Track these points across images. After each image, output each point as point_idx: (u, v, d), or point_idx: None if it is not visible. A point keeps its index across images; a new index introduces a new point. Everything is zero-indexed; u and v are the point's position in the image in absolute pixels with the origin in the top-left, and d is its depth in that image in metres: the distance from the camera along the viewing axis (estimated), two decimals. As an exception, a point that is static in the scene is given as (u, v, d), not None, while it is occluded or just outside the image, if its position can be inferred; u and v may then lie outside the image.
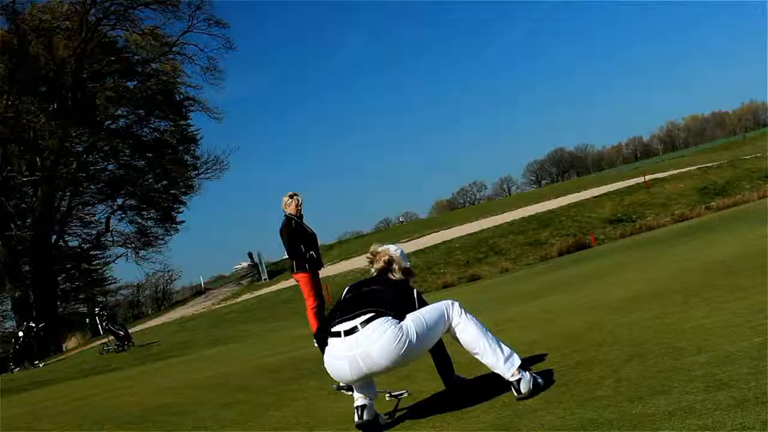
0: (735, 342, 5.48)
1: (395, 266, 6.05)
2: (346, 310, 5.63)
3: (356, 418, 5.59)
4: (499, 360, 5.56)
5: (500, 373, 5.55)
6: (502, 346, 5.68)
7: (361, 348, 5.35)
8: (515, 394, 5.40)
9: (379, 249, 6.17)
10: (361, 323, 5.42)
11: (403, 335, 5.37)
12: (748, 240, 15.31)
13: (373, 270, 6.12)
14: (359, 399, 5.65)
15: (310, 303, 13.51)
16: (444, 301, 5.88)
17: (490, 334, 5.73)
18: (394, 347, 5.33)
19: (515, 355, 5.64)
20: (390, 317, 5.46)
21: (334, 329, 5.57)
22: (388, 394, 6.25)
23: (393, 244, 6.32)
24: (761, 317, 6.14)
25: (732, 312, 6.65)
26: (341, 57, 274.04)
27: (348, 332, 5.44)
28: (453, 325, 5.75)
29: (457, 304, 5.88)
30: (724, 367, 4.86)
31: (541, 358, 6.57)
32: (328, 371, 5.61)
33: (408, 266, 6.16)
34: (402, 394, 6.29)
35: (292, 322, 27.40)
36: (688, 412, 4.06)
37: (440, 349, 6.02)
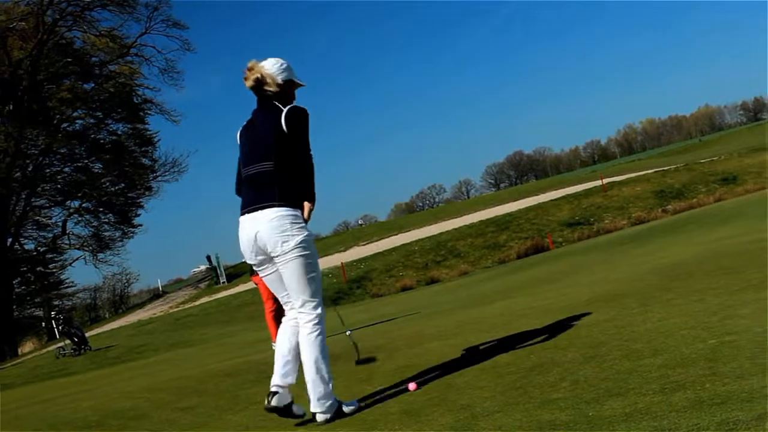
0: (690, 344, 5.51)
1: (269, 81, 5.86)
2: (247, 194, 5.87)
3: (266, 403, 5.71)
4: (324, 391, 5.75)
5: (311, 401, 5.74)
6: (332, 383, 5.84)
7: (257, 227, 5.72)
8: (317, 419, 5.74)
9: (253, 64, 5.91)
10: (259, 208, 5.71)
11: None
12: (704, 243, 15.47)
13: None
14: (273, 385, 5.80)
15: (268, 306, 13.49)
16: (321, 303, 5.89)
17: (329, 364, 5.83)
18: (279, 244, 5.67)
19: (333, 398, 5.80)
20: (280, 210, 5.66)
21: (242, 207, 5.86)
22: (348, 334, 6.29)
23: (276, 59, 6.00)
24: (716, 319, 6.18)
25: (688, 314, 6.70)
26: (302, 58, 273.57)
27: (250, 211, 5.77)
28: (312, 321, 5.83)
29: (324, 322, 5.90)
30: (679, 368, 4.89)
31: (498, 360, 6.58)
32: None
33: (284, 78, 5.92)
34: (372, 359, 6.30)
35: (251, 326, 27.31)
36: (644, 414, 4.07)
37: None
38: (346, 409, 5.84)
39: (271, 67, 5.90)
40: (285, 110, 5.74)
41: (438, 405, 5.44)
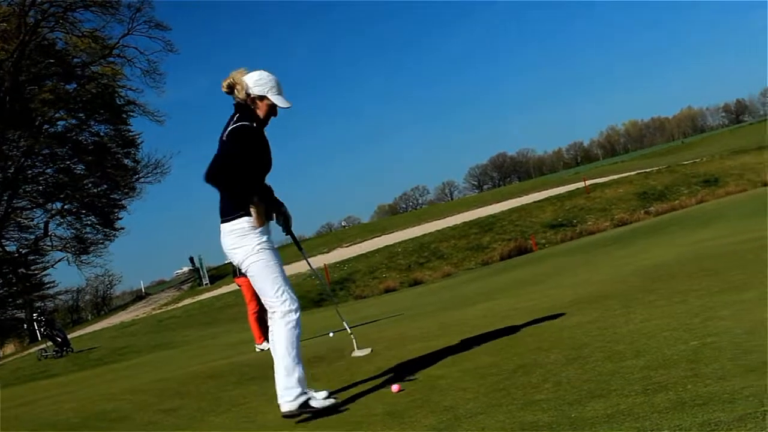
0: (673, 345, 5.54)
1: (237, 88, 6.07)
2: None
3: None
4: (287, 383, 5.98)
5: (277, 393, 6.00)
6: (301, 373, 6.01)
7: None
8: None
9: (235, 71, 6.12)
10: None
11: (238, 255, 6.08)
12: (686, 245, 15.54)
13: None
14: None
15: (251, 308, 13.48)
16: (290, 297, 6.05)
17: (297, 355, 6.00)
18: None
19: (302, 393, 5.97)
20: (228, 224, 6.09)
21: None
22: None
23: (260, 71, 6.15)
24: (698, 321, 6.21)
25: (670, 316, 6.73)
26: (286, 61, 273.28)
27: None
28: (277, 316, 6.03)
29: (297, 312, 6.07)
30: (661, 370, 4.91)
31: (481, 362, 6.59)
32: None
33: (257, 93, 6.07)
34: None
35: (233, 327, 27.26)
36: (626, 415, 4.08)
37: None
38: (314, 403, 5.95)
39: (250, 77, 6.06)
40: (230, 127, 6.00)
41: (421, 406, 5.45)
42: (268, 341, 12.76)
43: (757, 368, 4.46)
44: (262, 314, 13.01)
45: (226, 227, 6.09)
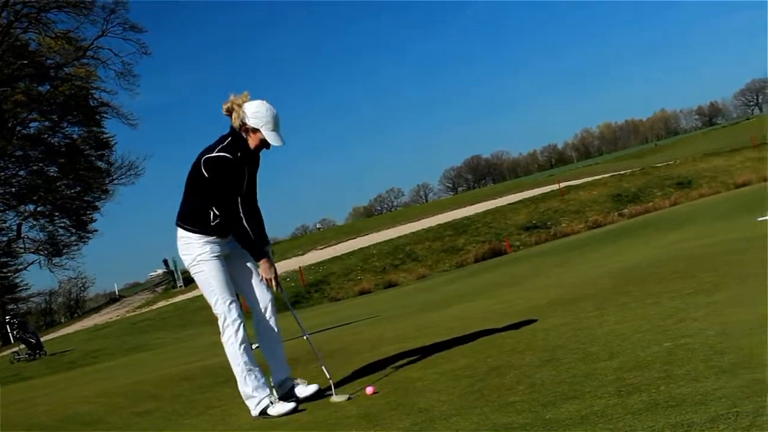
0: (646, 347, 5.57)
1: (234, 115, 6.12)
2: None
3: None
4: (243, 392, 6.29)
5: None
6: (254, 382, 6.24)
7: None
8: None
9: (238, 97, 6.17)
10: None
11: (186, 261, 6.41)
12: (660, 246, 15.63)
13: None
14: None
15: None
16: (225, 310, 6.27)
17: (244, 366, 6.22)
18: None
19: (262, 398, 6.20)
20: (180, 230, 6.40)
21: None
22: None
23: (260, 101, 6.17)
24: (671, 322, 6.25)
25: (643, 317, 6.76)
26: (261, 63, 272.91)
27: None
28: (221, 328, 6.29)
29: (232, 326, 6.23)
30: (635, 371, 4.94)
31: (456, 363, 6.59)
32: None
33: (252, 124, 6.08)
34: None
35: (208, 330, 27.15)
36: (599, 417, 4.10)
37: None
38: (271, 410, 6.11)
39: (249, 107, 6.08)
40: (204, 157, 6.10)
41: (396, 409, 5.45)
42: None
43: (729, 370, 4.49)
44: None
45: (178, 232, 6.42)
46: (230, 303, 6.18)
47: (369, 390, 6.14)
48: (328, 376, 6.40)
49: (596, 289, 9.59)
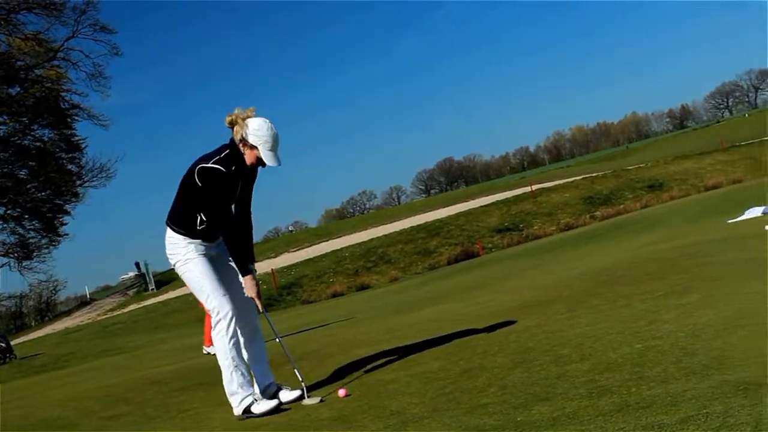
0: (617, 349, 5.60)
1: (235, 128, 6.16)
2: None
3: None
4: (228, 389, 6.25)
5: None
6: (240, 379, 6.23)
7: None
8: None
9: (243, 111, 6.21)
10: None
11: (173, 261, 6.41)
12: (631, 248, 15.71)
13: None
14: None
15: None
16: (217, 304, 6.20)
17: (232, 361, 6.21)
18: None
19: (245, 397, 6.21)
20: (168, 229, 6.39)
21: None
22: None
23: (263, 119, 6.20)
24: (642, 324, 6.29)
25: (615, 319, 6.80)
26: (230, 63, 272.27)
27: None
28: (213, 323, 6.25)
29: (225, 320, 6.20)
30: (606, 373, 4.96)
31: (428, 366, 6.60)
32: None
33: (251, 141, 6.10)
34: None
35: (180, 333, 27.08)
36: (571, 419, 4.12)
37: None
38: (254, 408, 6.12)
39: (251, 123, 6.12)
40: (199, 166, 6.11)
41: (368, 411, 5.45)
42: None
43: (699, 371, 4.53)
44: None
45: (167, 231, 6.41)
46: (223, 295, 6.16)
47: (341, 392, 6.14)
48: (300, 379, 6.38)
49: (568, 292, 9.64)
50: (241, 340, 6.35)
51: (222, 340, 6.11)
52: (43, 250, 55.64)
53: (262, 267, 43.54)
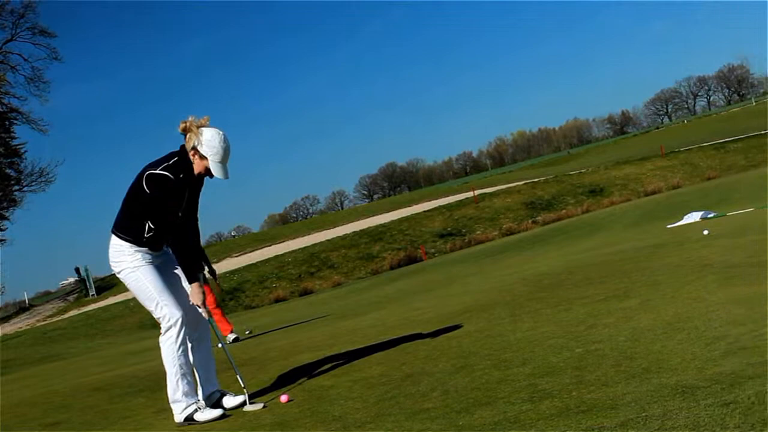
0: (558, 353, 5.64)
1: (188, 135, 6.12)
2: None
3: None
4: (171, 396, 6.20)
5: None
6: (185, 387, 6.21)
7: None
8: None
9: (197, 120, 6.17)
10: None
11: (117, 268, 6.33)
12: (572, 253, 15.84)
13: None
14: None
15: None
16: (168, 312, 6.15)
17: (179, 369, 6.18)
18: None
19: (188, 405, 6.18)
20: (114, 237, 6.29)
21: None
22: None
23: (217, 130, 6.15)
24: (582, 328, 6.35)
25: (556, 323, 6.86)
26: (177, 63, 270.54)
27: None
28: (162, 330, 6.21)
29: (175, 327, 6.17)
30: (547, 377, 5.00)
31: (370, 371, 6.60)
32: None
33: (202, 151, 6.05)
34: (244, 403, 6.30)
35: (121, 339, 26.82)
36: (512, 422, 4.14)
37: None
38: (197, 416, 6.09)
39: (204, 133, 6.09)
40: (147, 173, 6.06)
41: (309, 416, 5.43)
42: (233, 332, 13.93)
43: (638, 374, 4.58)
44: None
45: (111, 239, 6.30)
46: (173, 303, 6.12)
47: (283, 398, 6.12)
48: (242, 385, 6.35)
49: (510, 296, 9.70)
50: (189, 345, 6.29)
51: (170, 348, 6.07)
52: (-21, 256, 54.85)
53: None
